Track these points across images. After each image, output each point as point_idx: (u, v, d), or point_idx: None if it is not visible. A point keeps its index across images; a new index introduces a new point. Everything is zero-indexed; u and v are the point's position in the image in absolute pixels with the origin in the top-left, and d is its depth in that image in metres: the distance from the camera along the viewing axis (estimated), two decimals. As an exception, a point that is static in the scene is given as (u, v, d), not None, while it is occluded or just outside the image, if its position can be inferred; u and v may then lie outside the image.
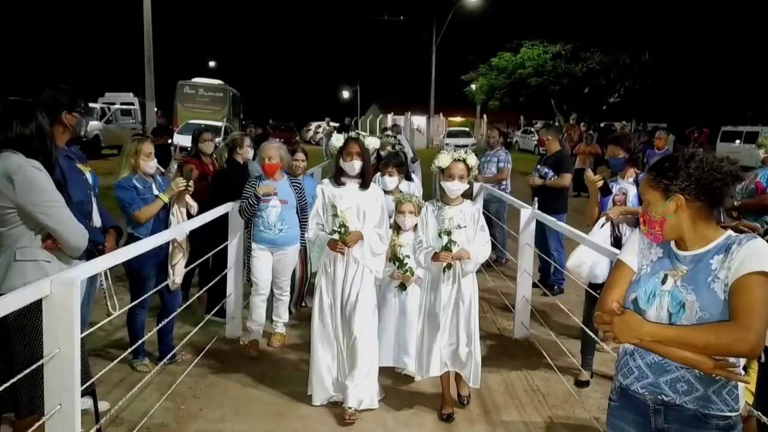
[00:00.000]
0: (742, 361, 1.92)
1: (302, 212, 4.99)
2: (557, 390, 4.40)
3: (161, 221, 4.37)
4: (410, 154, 9.13)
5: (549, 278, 6.79)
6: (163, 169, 4.97)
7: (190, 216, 4.64)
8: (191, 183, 4.55)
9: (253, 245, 4.93)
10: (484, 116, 42.07)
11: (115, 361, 3.39)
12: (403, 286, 4.36)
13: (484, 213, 5.69)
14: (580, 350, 4.65)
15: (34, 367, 2.50)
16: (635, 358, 2.00)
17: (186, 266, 4.68)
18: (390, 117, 36.12)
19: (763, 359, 2.34)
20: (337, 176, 4.05)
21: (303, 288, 5.89)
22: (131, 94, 27.94)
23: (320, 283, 4.09)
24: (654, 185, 1.95)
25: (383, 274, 4.20)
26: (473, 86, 35.47)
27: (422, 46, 38.23)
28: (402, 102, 45.13)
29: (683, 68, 28.73)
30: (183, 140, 16.97)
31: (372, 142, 4.14)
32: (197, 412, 3.95)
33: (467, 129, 37.42)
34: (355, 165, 3.97)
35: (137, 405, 3.87)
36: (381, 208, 4.08)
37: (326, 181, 4.15)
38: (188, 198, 4.59)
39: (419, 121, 40.34)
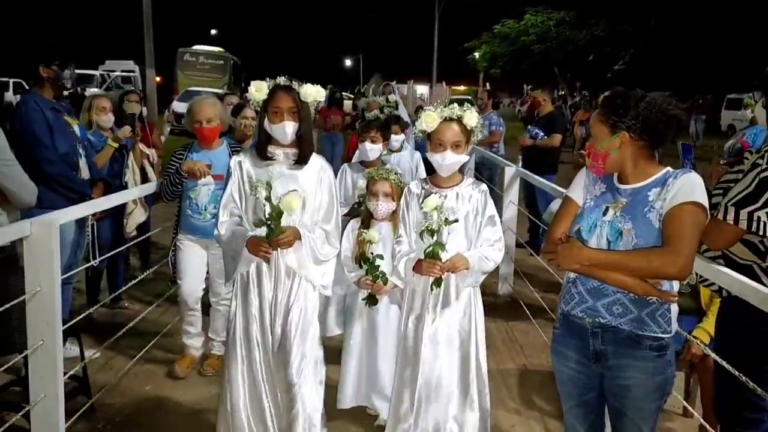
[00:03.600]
0: (676, 287, 2.02)
1: None
2: (535, 341, 4.52)
3: (115, 174, 4.57)
4: (405, 118, 9.04)
5: (538, 239, 6.89)
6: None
7: (151, 165, 4.87)
8: (137, 129, 4.69)
9: (180, 236, 3.82)
10: (487, 84, 41.77)
11: (98, 305, 3.52)
12: (373, 299, 3.01)
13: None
14: None
15: (14, 302, 2.63)
16: (577, 285, 2.11)
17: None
18: (393, 85, 35.85)
19: (724, 293, 2.41)
20: (262, 146, 2.76)
21: None
22: (132, 61, 27.91)
23: (233, 308, 2.80)
24: (603, 120, 2.04)
25: (330, 288, 2.89)
26: (476, 54, 35.13)
27: (426, 15, 37.76)
28: (406, 71, 44.73)
29: (689, 36, 28.35)
30: (182, 107, 17.20)
31: (313, 92, 2.71)
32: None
33: (470, 97, 37.25)
34: (287, 128, 2.66)
35: (129, 352, 3.98)
36: (328, 193, 2.81)
37: (245, 152, 2.90)
38: (142, 146, 4.79)
39: (423, 90, 40.01)
